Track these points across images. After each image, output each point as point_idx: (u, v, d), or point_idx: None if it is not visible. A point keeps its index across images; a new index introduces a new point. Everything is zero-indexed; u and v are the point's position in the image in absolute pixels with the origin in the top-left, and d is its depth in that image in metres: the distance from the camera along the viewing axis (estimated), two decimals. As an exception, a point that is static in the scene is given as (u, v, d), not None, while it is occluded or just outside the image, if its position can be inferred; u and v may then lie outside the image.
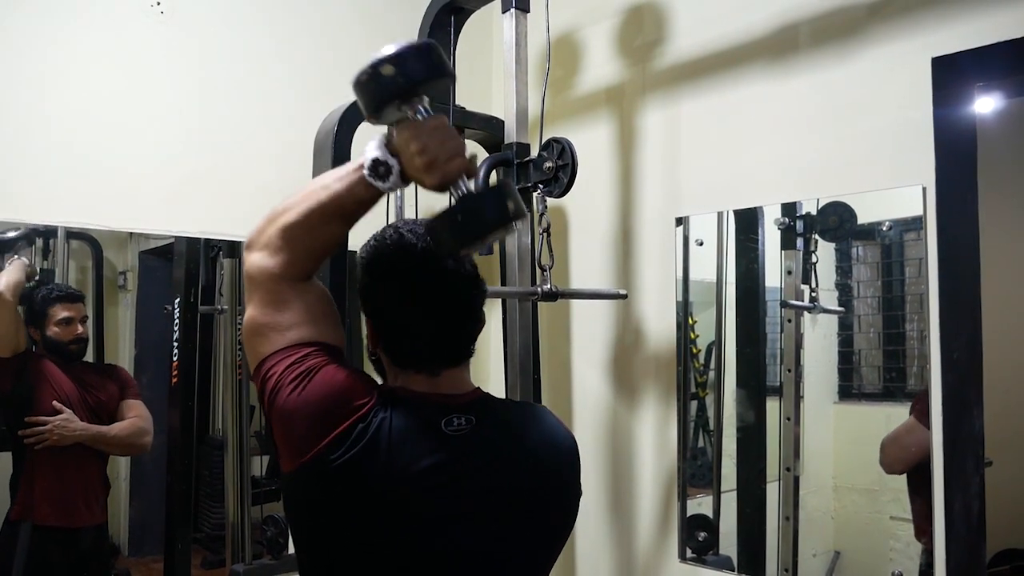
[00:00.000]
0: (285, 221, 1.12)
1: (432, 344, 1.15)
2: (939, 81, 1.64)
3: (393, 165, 1.08)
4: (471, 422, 1.13)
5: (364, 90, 1.06)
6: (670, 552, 2.15)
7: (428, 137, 1.05)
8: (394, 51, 1.03)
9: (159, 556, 2.08)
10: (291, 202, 1.14)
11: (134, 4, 2.02)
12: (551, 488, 1.20)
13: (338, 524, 1.08)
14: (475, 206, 1.06)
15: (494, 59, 2.67)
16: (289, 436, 1.07)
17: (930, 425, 1.65)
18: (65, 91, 1.92)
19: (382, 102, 1.05)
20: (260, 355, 1.12)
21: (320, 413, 1.05)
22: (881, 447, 1.80)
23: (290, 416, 1.06)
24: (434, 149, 1.05)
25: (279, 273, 1.13)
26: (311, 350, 1.10)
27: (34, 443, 1.88)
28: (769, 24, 1.95)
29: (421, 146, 1.05)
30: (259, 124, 2.20)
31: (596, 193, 2.33)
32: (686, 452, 2.14)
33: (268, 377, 1.09)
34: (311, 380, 1.07)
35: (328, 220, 1.13)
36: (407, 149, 1.06)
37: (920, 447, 1.67)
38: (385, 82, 1.03)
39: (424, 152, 1.05)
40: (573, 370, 2.44)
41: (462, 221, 1.05)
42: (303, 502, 1.11)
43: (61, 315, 1.95)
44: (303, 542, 1.14)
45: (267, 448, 2.37)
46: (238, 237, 2.20)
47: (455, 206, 1.06)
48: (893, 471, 1.79)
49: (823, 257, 1.93)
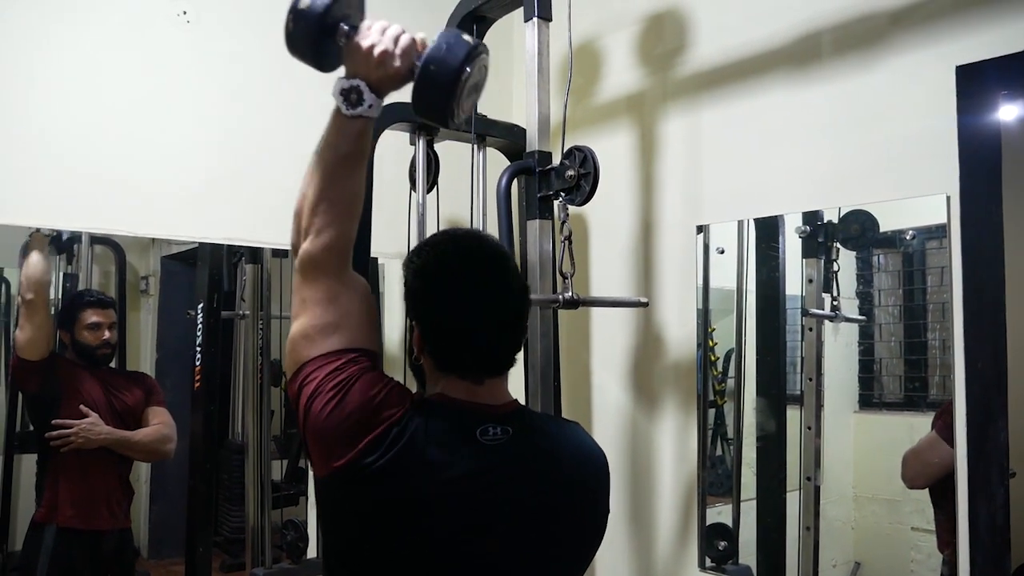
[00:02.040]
0: (307, 201, 1.18)
1: (481, 351, 1.16)
2: (963, 89, 1.63)
3: (358, 84, 1.13)
4: (507, 432, 1.13)
5: (295, 42, 1.14)
6: (690, 561, 2.14)
7: (368, 39, 1.12)
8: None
9: (179, 559, 2.10)
10: (301, 186, 1.20)
11: (160, 12, 2.04)
12: (581, 505, 1.20)
13: (370, 528, 1.09)
14: (438, 52, 1.12)
15: (516, 68, 2.68)
16: (324, 441, 1.08)
17: (952, 440, 1.63)
18: (90, 97, 1.94)
19: (314, 41, 1.12)
20: (302, 359, 1.14)
21: (354, 422, 1.07)
22: (903, 461, 1.78)
23: (324, 423, 1.08)
24: (380, 43, 1.11)
25: (326, 260, 1.16)
26: (352, 356, 1.12)
27: (59, 446, 1.90)
28: (791, 32, 1.95)
29: (366, 49, 1.11)
30: (282, 130, 2.21)
31: (617, 201, 2.33)
32: (705, 461, 2.13)
33: (308, 382, 1.11)
34: (348, 390, 1.08)
35: (338, 172, 1.17)
36: (360, 62, 1.12)
37: (942, 463, 1.65)
38: (304, 15, 1.11)
39: (372, 51, 1.11)
40: (593, 377, 2.44)
41: (435, 70, 1.11)
42: (337, 506, 1.12)
43: (91, 320, 1.98)
44: (334, 546, 1.15)
45: (287, 452, 2.38)
46: (260, 243, 2.22)
47: (422, 63, 1.11)
48: (915, 486, 1.77)
49: (844, 265, 1.92)
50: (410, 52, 1.14)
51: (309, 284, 1.17)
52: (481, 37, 2.05)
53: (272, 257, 2.31)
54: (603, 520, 1.25)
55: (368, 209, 1.79)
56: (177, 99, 2.06)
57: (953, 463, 1.62)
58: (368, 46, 1.11)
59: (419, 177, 1.99)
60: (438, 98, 1.12)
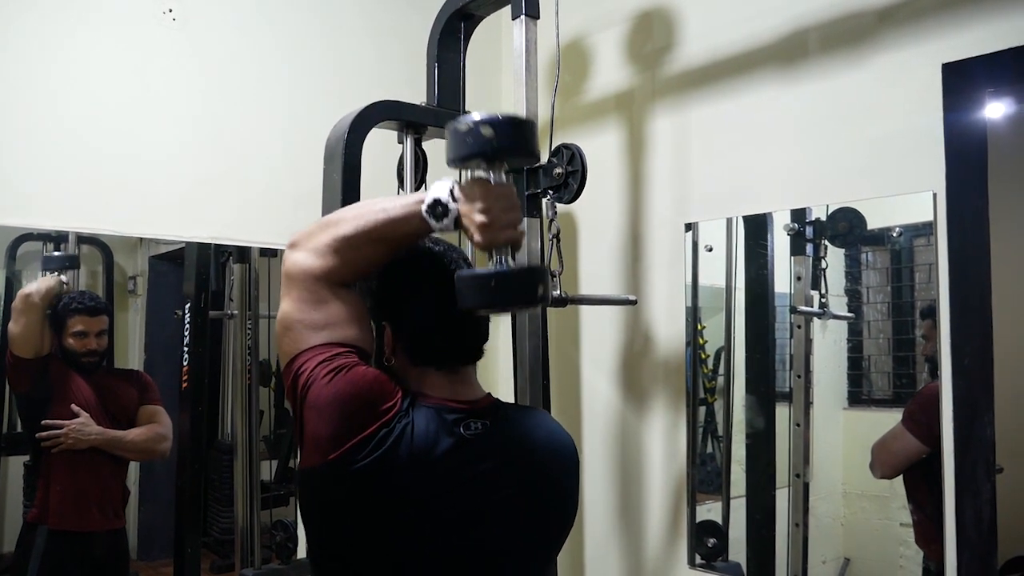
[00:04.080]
0: (338, 232, 1.17)
1: (454, 340, 1.21)
2: (950, 87, 1.64)
3: (452, 210, 1.13)
4: (486, 426, 1.18)
5: (458, 139, 1.12)
6: (679, 558, 2.14)
7: (495, 201, 1.11)
8: (499, 118, 1.11)
9: (168, 560, 2.09)
10: (347, 216, 1.19)
11: (146, 10, 2.03)
12: (556, 490, 1.27)
13: (356, 523, 1.11)
14: (509, 281, 1.14)
15: (504, 65, 2.68)
16: (317, 431, 1.09)
17: (919, 433, 1.69)
18: (76, 96, 1.93)
19: (470, 156, 1.12)
20: (293, 351, 1.16)
21: (349, 411, 1.09)
22: (872, 452, 1.82)
23: (320, 410, 1.09)
24: (495, 213, 1.11)
25: (320, 276, 1.17)
26: (343, 350, 1.14)
27: (50, 446, 1.89)
28: (779, 30, 1.95)
29: (486, 206, 1.11)
30: (270, 129, 2.21)
31: (606, 199, 2.33)
32: (695, 458, 2.13)
33: (300, 373, 1.13)
34: (342, 376, 1.10)
35: (376, 241, 1.17)
36: (471, 203, 1.12)
37: (906, 453, 1.71)
38: (480, 141, 1.10)
39: (486, 213, 1.11)
40: (582, 375, 2.44)
41: (494, 287, 1.12)
42: (322, 499, 1.13)
43: (77, 328, 1.97)
44: (318, 539, 1.17)
45: (276, 453, 2.38)
46: (248, 242, 2.22)
47: (491, 272, 1.13)
48: (883, 476, 1.81)
49: (833, 263, 1.93)
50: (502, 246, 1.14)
51: (299, 283, 1.18)
52: (468, 35, 2.05)
53: (260, 256, 2.30)
54: (575, 504, 1.32)
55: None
56: (164, 98, 2.05)
57: (918, 453, 1.67)
58: (483, 208, 1.11)
59: (407, 175, 1.99)
60: (472, 301, 1.15)
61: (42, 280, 1.93)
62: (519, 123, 1.14)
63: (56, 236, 1.95)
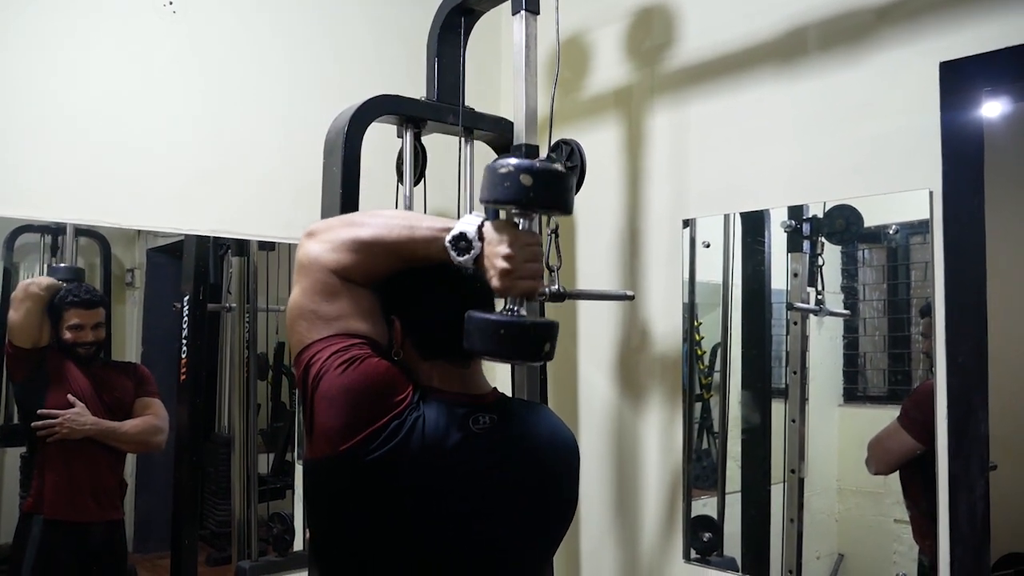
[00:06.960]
0: (359, 234, 1.17)
1: (461, 333, 1.19)
2: (947, 85, 1.64)
3: (476, 248, 1.14)
4: (493, 420, 1.19)
5: (495, 181, 1.13)
6: (674, 553, 2.15)
7: (520, 249, 1.13)
8: (537, 168, 1.12)
9: (165, 553, 2.09)
10: (372, 221, 1.19)
11: (146, 3, 2.03)
12: (558, 485, 1.28)
13: (365, 513, 1.12)
14: (520, 333, 1.15)
15: (503, 61, 2.68)
16: (328, 422, 1.10)
17: (914, 430, 1.70)
18: (75, 88, 1.93)
19: (506, 200, 1.12)
20: (304, 341, 1.16)
21: (362, 403, 1.09)
22: (868, 448, 1.83)
23: (332, 400, 1.09)
24: (518, 261, 1.13)
25: (334, 269, 1.17)
26: (356, 341, 1.14)
27: (45, 435, 1.90)
28: (777, 28, 1.96)
29: (510, 252, 1.12)
30: (269, 123, 2.21)
31: (604, 194, 2.33)
32: (691, 453, 2.14)
33: (312, 363, 1.13)
34: (355, 367, 1.10)
35: (393, 254, 1.18)
36: (496, 246, 1.13)
37: (901, 451, 1.72)
38: (518, 187, 1.11)
39: (509, 260, 1.12)
40: (579, 370, 2.45)
41: (503, 335, 1.13)
42: (331, 490, 1.14)
43: (73, 321, 1.97)
44: (324, 529, 1.17)
45: (273, 446, 2.38)
46: (247, 235, 2.22)
47: (501, 320, 1.14)
48: (879, 472, 1.82)
49: (829, 260, 1.93)
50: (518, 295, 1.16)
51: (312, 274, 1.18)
52: (468, 30, 2.05)
53: (259, 250, 2.30)
54: (575, 502, 1.33)
55: (355, 202, 1.79)
56: (163, 91, 2.05)
57: (913, 450, 1.68)
58: (507, 253, 1.13)
59: (406, 170, 1.99)
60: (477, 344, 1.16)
61: (41, 278, 1.94)
62: (558, 176, 1.14)
63: (54, 228, 1.95)
